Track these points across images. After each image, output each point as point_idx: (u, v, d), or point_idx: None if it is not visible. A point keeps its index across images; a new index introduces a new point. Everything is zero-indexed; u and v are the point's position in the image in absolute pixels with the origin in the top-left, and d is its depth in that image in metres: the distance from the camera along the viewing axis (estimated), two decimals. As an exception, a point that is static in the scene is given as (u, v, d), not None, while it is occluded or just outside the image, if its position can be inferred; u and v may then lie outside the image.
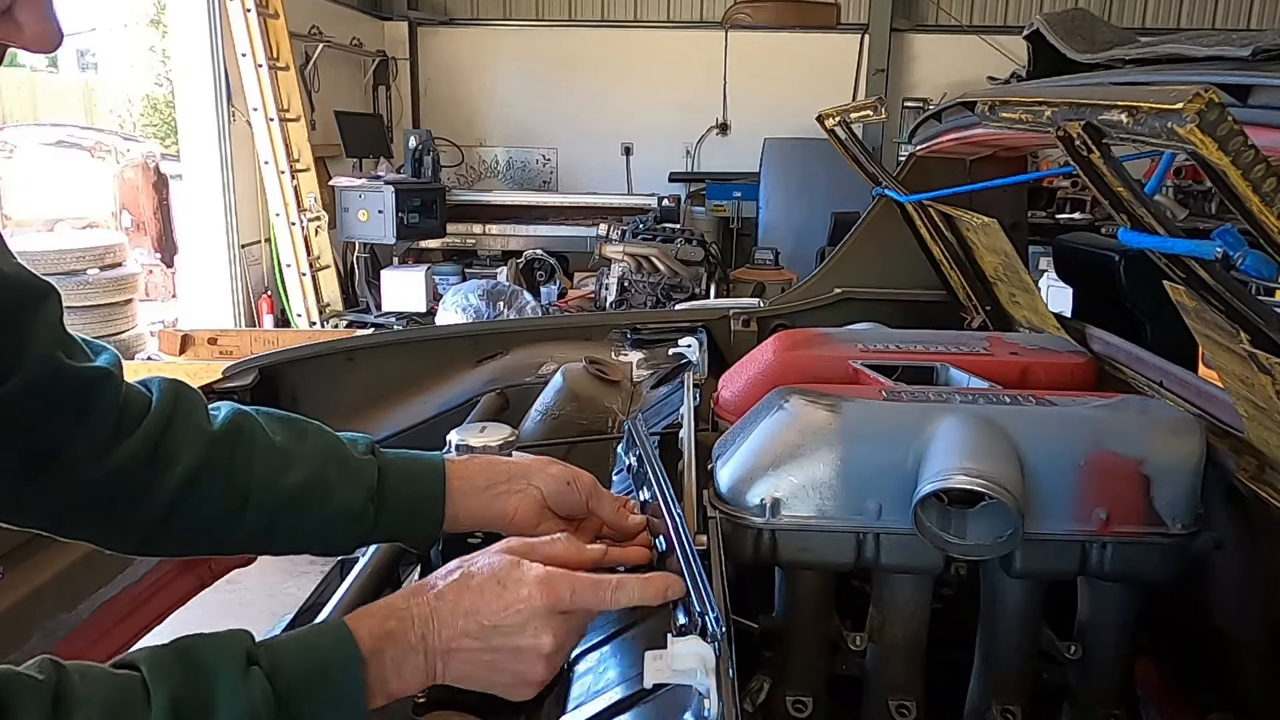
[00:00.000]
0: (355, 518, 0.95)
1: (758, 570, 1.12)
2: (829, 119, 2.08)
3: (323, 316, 7.29)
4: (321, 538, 0.97)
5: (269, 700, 0.67)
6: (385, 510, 0.97)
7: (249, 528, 0.93)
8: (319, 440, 0.97)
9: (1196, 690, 1.23)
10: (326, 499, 0.94)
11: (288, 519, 0.94)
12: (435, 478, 0.99)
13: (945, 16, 9.86)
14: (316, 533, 0.96)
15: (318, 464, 0.95)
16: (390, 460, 0.99)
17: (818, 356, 1.51)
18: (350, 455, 0.97)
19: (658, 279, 7.30)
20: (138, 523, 0.90)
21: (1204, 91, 0.75)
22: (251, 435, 0.93)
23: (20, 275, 0.83)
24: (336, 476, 0.95)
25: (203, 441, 0.91)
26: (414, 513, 0.98)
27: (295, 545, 0.98)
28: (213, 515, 0.92)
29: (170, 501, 0.89)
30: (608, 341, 2.32)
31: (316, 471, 0.94)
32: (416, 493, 0.98)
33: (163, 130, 13.28)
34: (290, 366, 2.11)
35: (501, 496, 0.99)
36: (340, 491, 0.94)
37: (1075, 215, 8.35)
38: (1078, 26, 1.51)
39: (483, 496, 0.99)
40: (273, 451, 0.94)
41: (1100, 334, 1.74)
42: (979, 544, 0.98)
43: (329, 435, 0.98)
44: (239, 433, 0.93)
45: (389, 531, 0.99)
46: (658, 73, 10.06)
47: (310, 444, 0.96)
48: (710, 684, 0.74)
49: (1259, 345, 0.97)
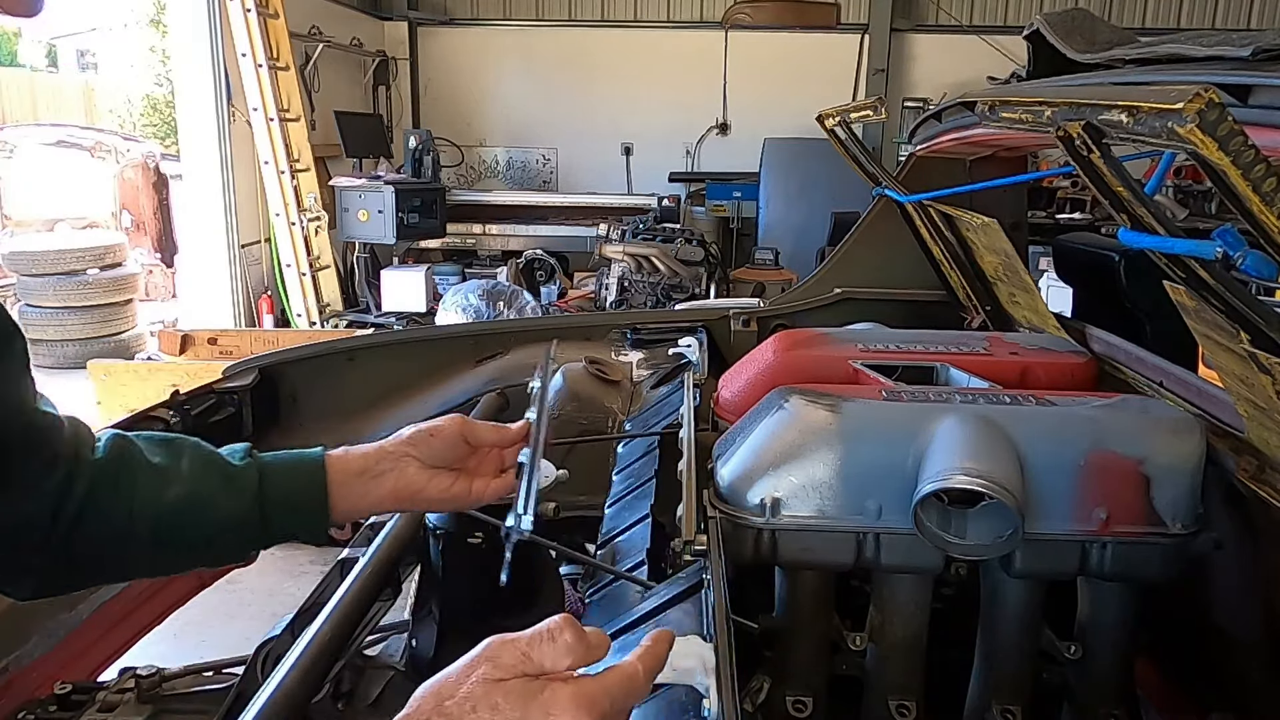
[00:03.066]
0: (243, 523, 0.97)
1: (758, 570, 1.12)
2: (829, 119, 2.08)
3: (323, 316, 7.29)
4: (213, 548, 0.98)
5: None
6: (271, 512, 0.98)
7: (142, 550, 0.94)
8: (196, 454, 0.98)
9: (1196, 690, 1.23)
10: (209, 509, 0.95)
11: (178, 534, 0.95)
12: (316, 473, 1.00)
13: (945, 16, 9.85)
14: (209, 543, 0.98)
15: (198, 477, 0.96)
16: (269, 463, 1.01)
17: (818, 356, 1.51)
18: (228, 465, 0.98)
19: (658, 279, 7.30)
20: (38, 562, 0.91)
21: (1204, 91, 0.75)
22: (131, 459, 0.95)
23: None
24: (218, 486, 0.96)
25: (91, 473, 0.92)
26: (300, 509, 0.99)
27: (193, 558, 1.01)
28: (103, 543, 0.92)
29: (65, 536, 0.90)
30: (608, 341, 2.32)
31: (197, 484, 0.95)
32: (299, 490, 0.99)
33: (163, 130, 13.28)
34: (290, 366, 2.11)
35: (377, 479, 1.01)
36: (224, 500, 0.96)
37: (1075, 215, 8.35)
38: (1078, 26, 1.51)
39: (360, 483, 1.01)
40: (152, 471, 0.94)
41: (1100, 334, 1.74)
42: (979, 544, 0.98)
43: (206, 448, 1.00)
44: (120, 458, 0.94)
45: (281, 531, 1.00)
46: (658, 73, 10.06)
47: (188, 459, 0.97)
48: (710, 684, 0.74)
49: (1259, 345, 0.97)
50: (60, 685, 1.25)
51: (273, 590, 3.37)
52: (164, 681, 1.26)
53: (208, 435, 1.84)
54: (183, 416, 1.74)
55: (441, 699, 0.59)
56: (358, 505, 1.02)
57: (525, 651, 0.62)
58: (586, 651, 0.64)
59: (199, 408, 1.82)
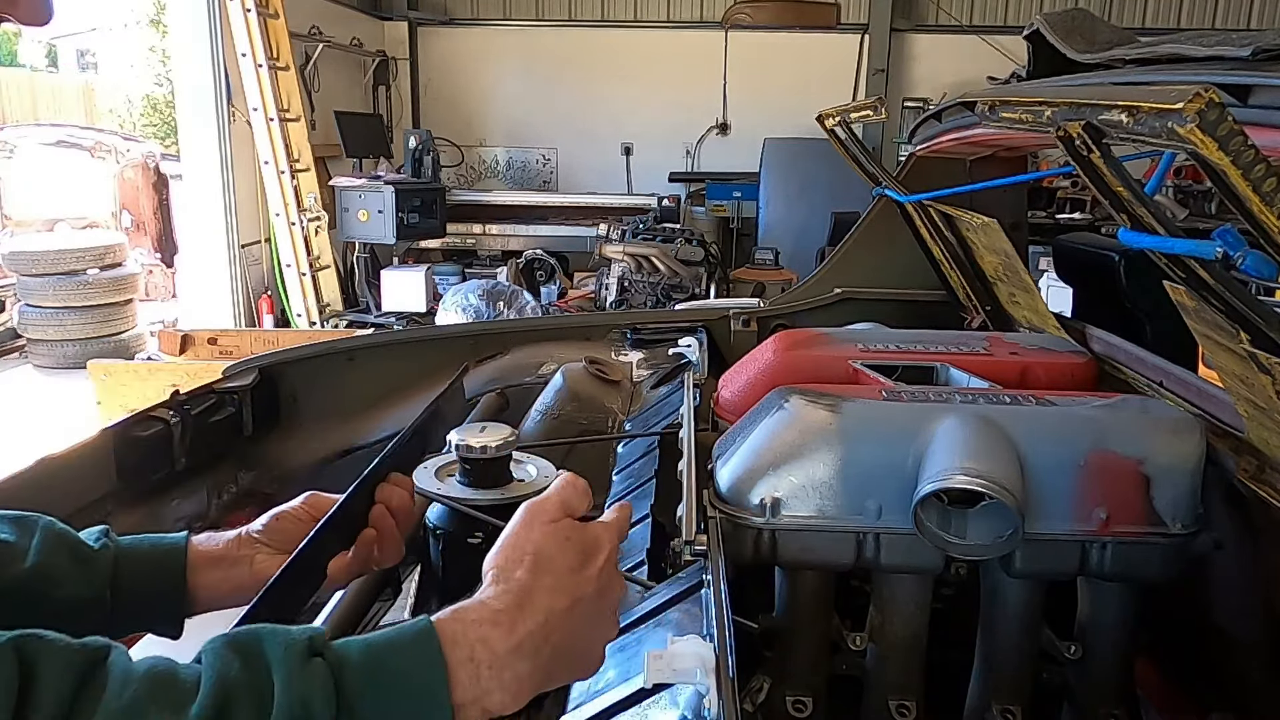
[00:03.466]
0: (90, 605, 0.92)
1: (758, 570, 1.12)
2: (829, 119, 2.08)
3: (323, 316, 7.29)
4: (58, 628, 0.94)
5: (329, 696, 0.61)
6: (123, 598, 0.93)
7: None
8: (48, 532, 0.93)
9: (1196, 690, 1.23)
10: (56, 587, 0.90)
11: (18, 611, 0.87)
12: (174, 559, 0.97)
13: (945, 16, 9.85)
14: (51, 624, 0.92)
15: (45, 553, 0.91)
16: (126, 548, 0.97)
17: (818, 356, 1.51)
18: (81, 545, 0.94)
19: (658, 279, 7.30)
20: None
21: (1204, 91, 0.75)
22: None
23: None
24: (67, 565, 0.91)
25: None
26: (153, 598, 0.96)
27: None
28: None
29: None
30: (608, 341, 2.32)
31: (44, 560, 0.90)
32: (155, 579, 0.96)
33: (163, 130, 13.28)
34: (290, 366, 2.11)
35: (235, 564, 0.99)
36: (72, 582, 0.91)
37: (1075, 215, 8.35)
38: (1078, 26, 1.51)
39: (216, 569, 0.98)
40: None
41: (1100, 334, 1.74)
42: (979, 544, 0.98)
43: (60, 527, 0.95)
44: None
45: (131, 620, 0.96)
46: (658, 73, 10.06)
47: (39, 536, 0.92)
48: (710, 684, 0.74)
49: (1259, 345, 0.97)
50: (60, 685, 1.24)
51: (273, 590, 3.36)
52: (164, 681, 1.25)
53: (208, 435, 1.85)
54: (183, 416, 1.74)
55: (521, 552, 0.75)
56: (214, 595, 0.98)
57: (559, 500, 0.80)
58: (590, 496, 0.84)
59: (199, 408, 1.82)
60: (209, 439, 1.81)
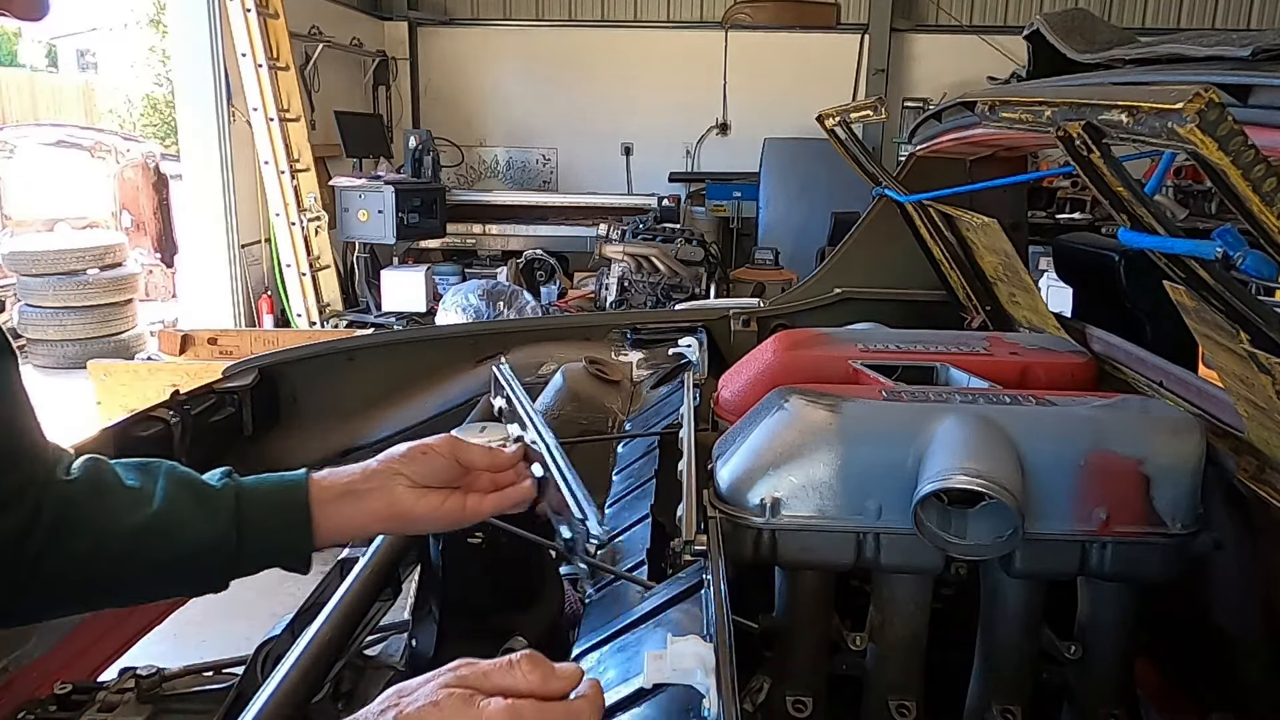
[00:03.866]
0: (217, 547, 0.93)
1: (758, 570, 1.12)
2: (829, 119, 2.08)
3: (323, 316, 7.29)
4: (187, 571, 0.95)
5: None
6: (248, 534, 0.94)
7: (108, 572, 0.91)
8: (171, 475, 0.95)
9: (1196, 690, 1.23)
10: (181, 529, 0.92)
11: (144, 555, 0.91)
12: (297, 494, 0.97)
13: (945, 16, 9.85)
14: (181, 566, 0.94)
15: (169, 496, 0.93)
16: (248, 485, 0.97)
17: (818, 356, 1.51)
18: (204, 485, 0.95)
19: (658, 279, 7.30)
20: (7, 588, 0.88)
21: (1204, 91, 0.75)
22: (104, 481, 0.93)
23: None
24: (190, 506, 0.93)
25: (63, 498, 0.89)
26: (279, 532, 0.96)
27: (163, 583, 0.96)
28: (73, 567, 0.90)
29: (33, 562, 0.87)
30: (608, 341, 2.32)
31: (167, 503, 0.92)
32: (279, 511, 0.96)
33: (163, 130, 13.28)
34: (290, 366, 2.11)
35: (366, 498, 0.97)
36: (197, 520, 0.92)
37: (1075, 215, 8.35)
38: (1078, 26, 1.51)
39: (346, 503, 0.97)
40: (123, 493, 0.92)
41: (1100, 334, 1.74)
42: (979, 544, 0.98)
43: (182, 470, 0.97)
44: (92, 481, 0.92)
45: (257, 557, 0.96)
46: (658, 73, 10.06)
47: (162, 480, 0.94)
48: (710, 684, 0.74)
49: (1259, 345, 0.97)
50: (60, 685, 1.25)
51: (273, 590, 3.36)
52: (164, 681, 1.25)
53: (208, 435, 1.84)
54: (183, 416, 1.74)
55: (400, 696, 0.66)
56: (344, 528, 0.98)
57: (485, 671, 0.68)
58: (543, 682, 0.68)
59: (199, 408, 1.82)
60: (209, 439, 1.81)
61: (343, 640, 1.13)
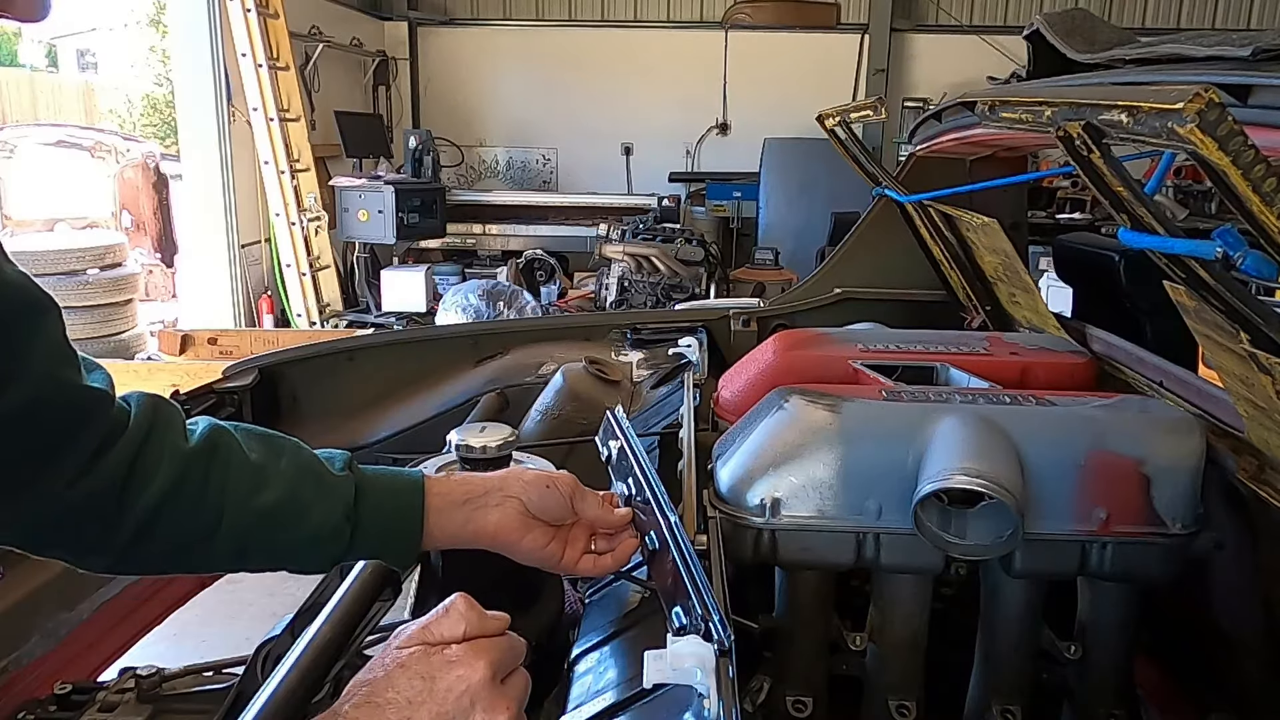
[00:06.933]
0: (331, 536, 0.93)
1: (758, 570, 1.12)
2: (829, 119, 2.08)
3: (323, 316, 7.29)
4: (297, 556, 0.95)
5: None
6: (362, 528, 0.94)
7: (222, 546, 0.91)
8: (295, 457, 0.95)
9: (1196, 690, 1.23)
10: (302, 516, 0.92)
11: (262, 537, 0.92)
12: (414, 495, 0.96)
13: (945, 16, 9.86)
14: (291, 551, 0.94)
15: (293, 481, 0.93)
16: (368, 477, 0.97)
17: (818, 356, 1.51)
18: (327, 472, 0.95)
19: (658, 279, 7.30)
20: (111, 542, 0.88)
21: (1204, 91, 0.75)
22: (228, 452, 0.92)
23: (24, 284, 0.81)
24: (312, 494, 0.93)
25: (178, 459, 0.89)
26: (391, 531, 0.96)
27: (269, 564, 0.96)
28: (186, 534, 0.90)
29: (144, 520, 0.87)
30: (608, 341, 2.32)
31: (292, 489, 0.92)
32: (394, 510, 0.96)
33: (163, 130, 13.29)
34: (290, 366, 2.11)
35: (480, 511, 0.97)
36: (316, 509, 0.92)
37: (1075, 215, 8.35)
38: (1078, 26, 1.51)
39: (460, 512, 0.97)
40: (248, 469, 0.91)
41: (1100, 334, 1.74)
42: (979, 544, 0.98)
43: (306, 452, 0.96)
44: (214, 450, 0.91)
45: (366, 550, 0.97)
46: (658, 73, 10.06)
47: (286, 461, 0.94)
48: (710, 684, 0.74)
49: (1259, 345, 0.97)
50: (60, 685, 1.25)
51: (273, 590, 3.36)
52: (164, 681, 1.25)
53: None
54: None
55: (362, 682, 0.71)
56: (451, 536, 0.97)
57: (426, 625, 0.74)
58: (480, 620, 0.75)
59: (199, 408, 1.82)
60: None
61: (343, 640, 1.13)
